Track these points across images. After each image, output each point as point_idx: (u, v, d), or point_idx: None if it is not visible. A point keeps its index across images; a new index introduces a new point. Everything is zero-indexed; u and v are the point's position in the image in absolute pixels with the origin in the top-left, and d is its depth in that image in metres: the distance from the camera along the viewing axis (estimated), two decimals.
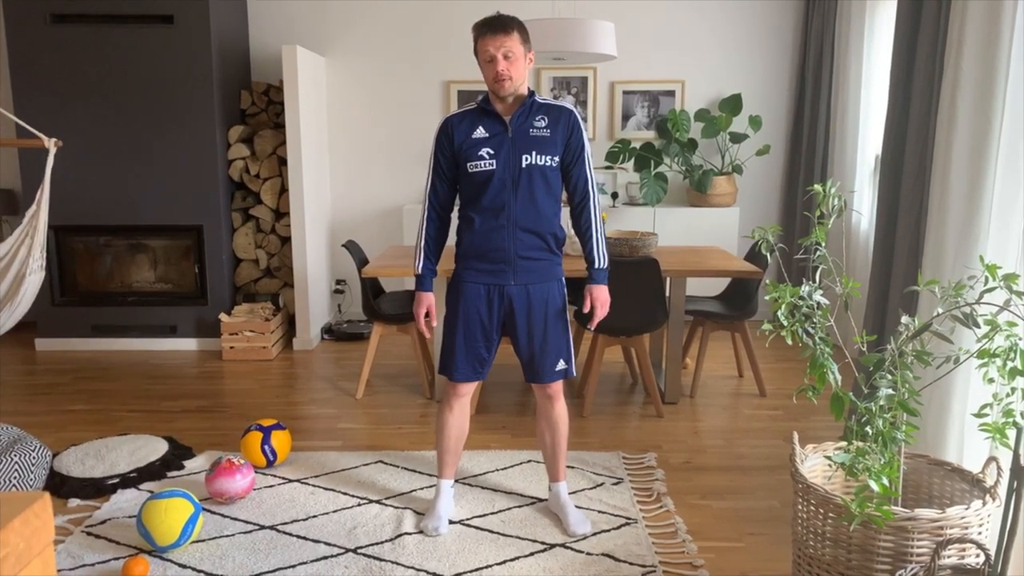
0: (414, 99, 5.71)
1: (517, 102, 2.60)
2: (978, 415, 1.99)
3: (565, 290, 2.77)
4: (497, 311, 2.68)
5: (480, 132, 2.59)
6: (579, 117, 2.66)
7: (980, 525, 1.97)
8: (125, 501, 3.02)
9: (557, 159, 2.62)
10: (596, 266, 2.71)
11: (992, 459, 2.13)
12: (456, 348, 2.70)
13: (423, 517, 2.83)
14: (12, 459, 2.86)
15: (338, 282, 5.84)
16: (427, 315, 2.77)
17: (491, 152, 2.58)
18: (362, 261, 4.30)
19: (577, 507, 2.89)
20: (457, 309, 2.70)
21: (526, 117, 2.59)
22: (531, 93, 2.62)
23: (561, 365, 2.74)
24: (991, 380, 1.92)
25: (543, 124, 2.60)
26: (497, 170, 2.57)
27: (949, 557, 1.95)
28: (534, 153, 2.57)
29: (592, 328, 2.83)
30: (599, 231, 2.71)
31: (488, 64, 2.53)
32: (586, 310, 2.75)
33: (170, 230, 5.12)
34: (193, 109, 4.94)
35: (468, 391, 2.79)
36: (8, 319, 3.78)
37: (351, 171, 5.81)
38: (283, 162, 5.25)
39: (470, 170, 2.60)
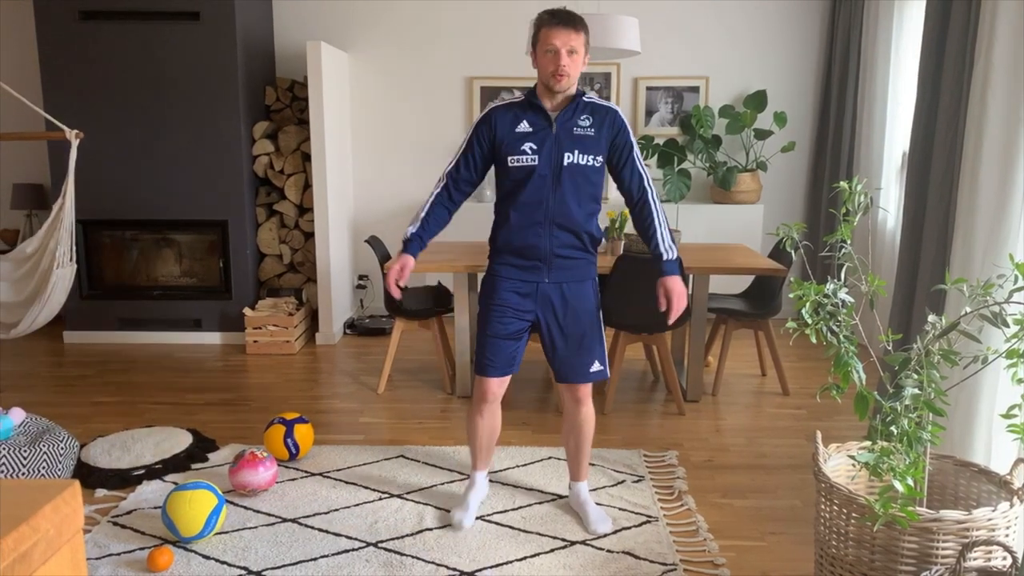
0: (437, 95, 5.72)
1: (565, 100, 2.56)
2: (1006, 416, 1.97)
3: (599, 289, 2.74)
4: (530, 308, 2.63)
5: (524, 126, 2.55)
6: (623, 117, 2.61)
7: (1007, 527, 1.95)
8: (150, 492, 3.06)
9: (601, 159, 2.57)
10: (665, 258, 2.60)
11: (1020, 460, 2.10)
12: (487, 342, 2.66)
13: (455, 506, 2.87)
14: (41, 449, 2.91)
15: (360, 277, 5.87)
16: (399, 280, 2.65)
17: (534, 147, 2.53)
18: (384, 257, 4.32)
19: (597, 504, 2.89)
20: (491, 305, 2.65)
21: (572, 115, 2.55)
22: (580, 93, 2.57)
23: (596, 367, 2.71)
24: (1020, 380, 1.89)
25: (588, 123, 2.55)
26: (538, 166, 2.53)
27: (975, 559, 1.93)
28: (577, 152, 2.53)
29: (671, 323, 2.71)
30: (663, 224, 2.62)
31: (548, 55, 2.47)
32: (663, 307, 2.62)
33: (195, 225, 5.17)
34: (218, 105, 4.98)
35: (499, 392, 2.74)
36: (40, 313, 3.84)
37: (374, 167, 5.84)
38: (307, 158, 5.29)
39: (510, 164, 2.56)
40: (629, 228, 4.30)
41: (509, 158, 2.55)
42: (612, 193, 5.67)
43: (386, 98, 5.74)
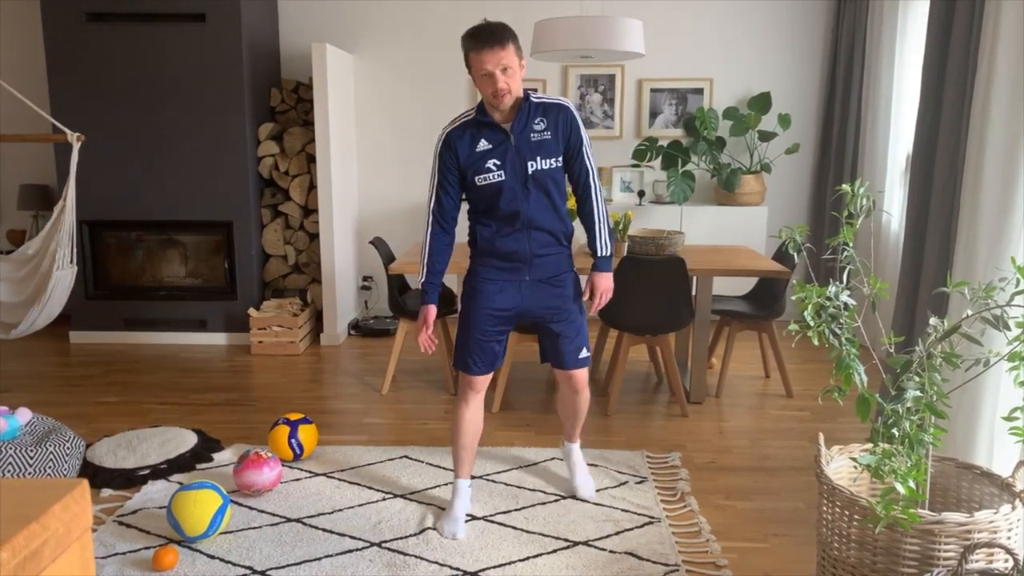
0: (441, 96, 5.73)
1: (514, 108, 2.60)
2: (1008, 418, 1.97)
3: (578, 278, 2.84)
4: (512, 305, 2.72)
5: (483, 144, 2.60)
6: (575, 112, 2.66)
7: (1009, 529, 1.95)
8: (156, 492, 3.07)
9: (560, 159, 2.65)
10: (599, 255, 2.77)
11: (1022, 463, 2.11)
12: (471, 343, 2.73)
13: (440, 517, 2.82)
14: (47, 449, 2.92)
15: (365, 278, 5.88)
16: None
17: (497, 163, 2.59)
18: (389, 258, 4.33)
19: (597, 504, 2.92)
20: (472, 304, 2.74)
21: (525, 122, 2.59)
22: (526, 95, 2.61)
23: (584, 353, 2.82)
24: (1022, 383, 1.89)
25: (542, 127, 2.60)
26: (506, 180, 2.59)
27: (977, 561, 1.93)
28: (539, 158, 2.59)
29: (593, 312, 2.87)
30: (602, 221, 2.75)
31: (485, 79, 2.51)
32: (586, 298, 2.82)
33: (201, 226, 5.19)
34: (224, 106, 5.00)
35: (484, 385, 2.82)
36: (40, 315, 3.86)
37: (379, 168, 5.85)
38: (312, 159, 5.30)
39: (479, 183, 2.61)
40: (632, 231, 4.31)
41: (476, 178, 2.61)
42: (616, 195, 5.68)
43: (391, 99, 5.76)
